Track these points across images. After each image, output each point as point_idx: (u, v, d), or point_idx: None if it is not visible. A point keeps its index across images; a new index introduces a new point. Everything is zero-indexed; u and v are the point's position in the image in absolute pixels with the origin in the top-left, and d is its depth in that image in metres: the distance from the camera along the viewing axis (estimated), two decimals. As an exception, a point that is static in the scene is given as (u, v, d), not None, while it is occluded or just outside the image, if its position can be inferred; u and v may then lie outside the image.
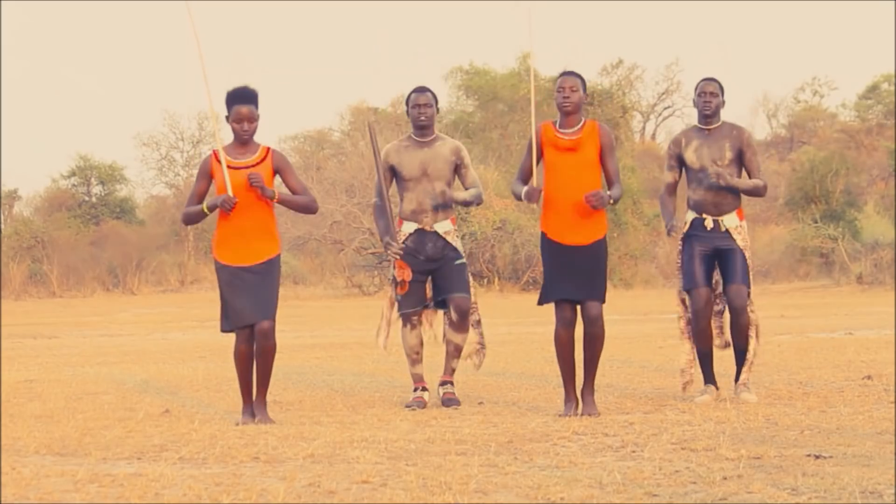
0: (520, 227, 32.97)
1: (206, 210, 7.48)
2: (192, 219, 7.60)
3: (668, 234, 8.23)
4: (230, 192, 7.38)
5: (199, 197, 7.56)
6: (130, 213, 42.96)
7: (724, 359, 8.85)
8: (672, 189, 8.37)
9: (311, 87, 69.11)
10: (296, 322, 20.74)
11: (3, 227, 40.05)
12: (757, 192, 8.24)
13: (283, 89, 64.50)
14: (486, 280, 33.19)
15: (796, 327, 16.29)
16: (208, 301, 31.02)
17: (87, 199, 42.90)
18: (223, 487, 5.18)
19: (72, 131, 66.70)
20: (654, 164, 41.97)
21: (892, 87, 46.06)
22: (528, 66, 38.35)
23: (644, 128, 49.94)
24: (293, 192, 7.62)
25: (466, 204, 8.31)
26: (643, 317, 20.48)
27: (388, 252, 8.19)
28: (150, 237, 40.81)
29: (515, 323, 19.25)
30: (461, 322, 8.26)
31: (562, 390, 7.78)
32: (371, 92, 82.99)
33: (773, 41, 72.71)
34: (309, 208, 7.68)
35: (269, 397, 8.34)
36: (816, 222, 34.43)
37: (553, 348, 7.74)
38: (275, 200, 7.46)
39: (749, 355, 8.21)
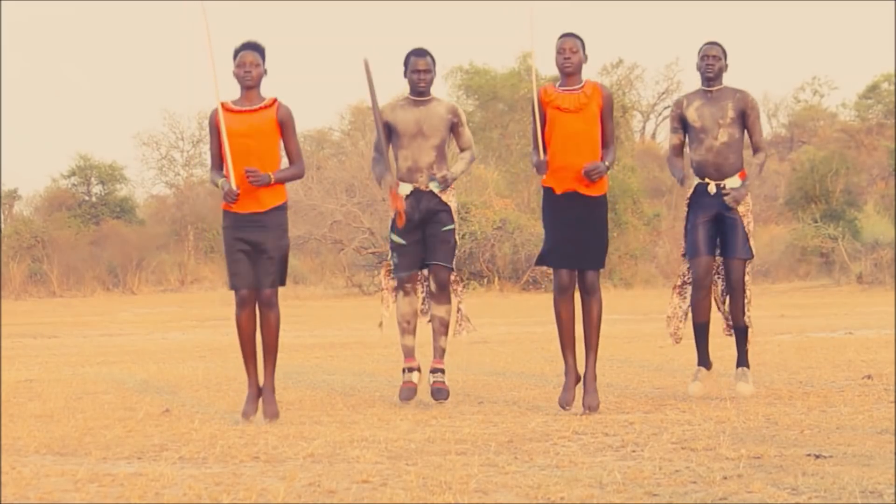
0: (520, 227, 32.95)
1: (220, 187, 7.58)
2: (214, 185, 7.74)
3: (681, 184, 8.26)
4: (234, 186, 7.43)
5: (218, 156, 7.63)
6: (130, 212, 42.93)
7: (724, 359, 8.85)
8: (678, 150, 8.39)
9: (311, 87, 69.13)
10: (296, 322, 20.73)
11: (3, 226, 40.04)
12: (763, 168, 8.36)
13: (284, 89, 64.45)
14: (486, 280, 33.17)
15: (796, 327, 16.28)
16: (208, 301, 31.01)
17: (87, 198, 42.87)
18: (223, 487, 5.19)
19: (72, 131, 66.70)
20: (654, 163, 41.97)
21: (892, 87, 46.03)
22: (528, 65, 38.34)
23: (644, 127, 49.92)
24: (289, 153, 7.69)
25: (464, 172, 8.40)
26: (643, 317, 20.48)
27: (382, 185, 8.22)
28: (150, 237, 40.77)
29: (515, 323, 19.24)
30: (440, 292, 8.25)
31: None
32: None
33: (773, 41, 72.72)
34: (300, 176, 7.78)
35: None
36: (816, 222, 34.41)
37: (551, 350, 7.77)
38: (272, 183, 7.51)
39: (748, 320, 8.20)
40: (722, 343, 9.38)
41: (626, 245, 34.50)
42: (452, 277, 8.34)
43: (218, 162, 7.67)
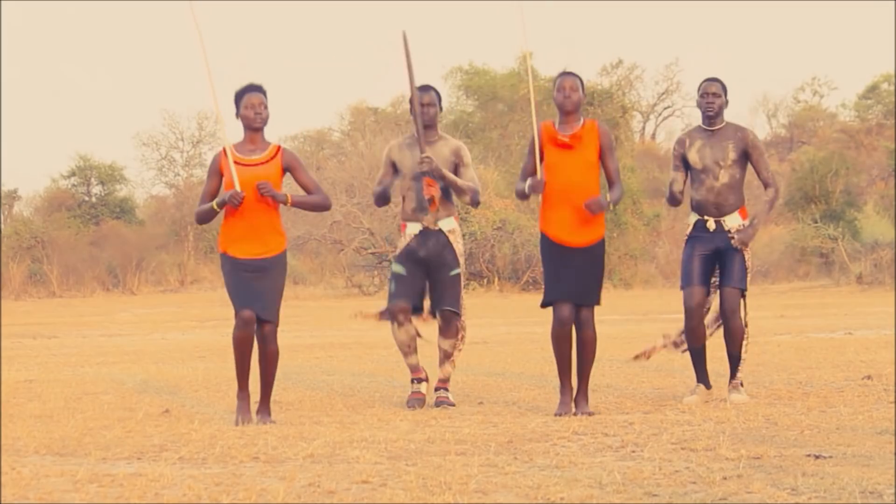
0: (520, 227, 32.96)
1: (216, 207, 7.49)
2: (203, 217, 7.62)
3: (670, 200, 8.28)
4: (238, 188, 7.39)
5: (211, 195, 7.57)
6: (130, 213, 42.92)
7: (722, 360, 8.84)
8: (677, 198, 8.29)
9: (311, 87, 69.18)
10: (296, 322, 20.73)
11: (3, 227, 40.03)
12: (773, 205, 8.32)
13: (284, 89, 64.49)
14: (486, 280, 33.17)
15: (796, 327, 16.28)
16: (208, 301, 31.01)
17: (86, 199, 42.86)
18: (223, 487, 5.19)
19: (72, 131, 66.79)
20: (653, 164, 42.03)
21: (892, 87, 46.05)
22: (528, 65, 38.36)
23: (644, 128, 49.96)
24: (306, 189, 7.64)
25: (460, 192, 8.25)
26: (643, 317, 20.48)
27: (422, 166, 8.07)
28: (149, 237, 40.79)
29: (515, 323, 19.24)
30: (447, 328, 8.27)
31: (562, 390, 7.79)
32: (371, 92, 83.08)
33: (773, 41, 72.81)
34: (322, 206, 7.71)
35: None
36: (816, 222, 34.43)
37: (551, 348, 7.77)
38: (288, 204, 7.47)
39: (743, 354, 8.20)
40: (720, 342, 9.38)
41: (626, 245, 34.51)
42: (461, 322, 8.32)
43: (208, 199, 7.56)
